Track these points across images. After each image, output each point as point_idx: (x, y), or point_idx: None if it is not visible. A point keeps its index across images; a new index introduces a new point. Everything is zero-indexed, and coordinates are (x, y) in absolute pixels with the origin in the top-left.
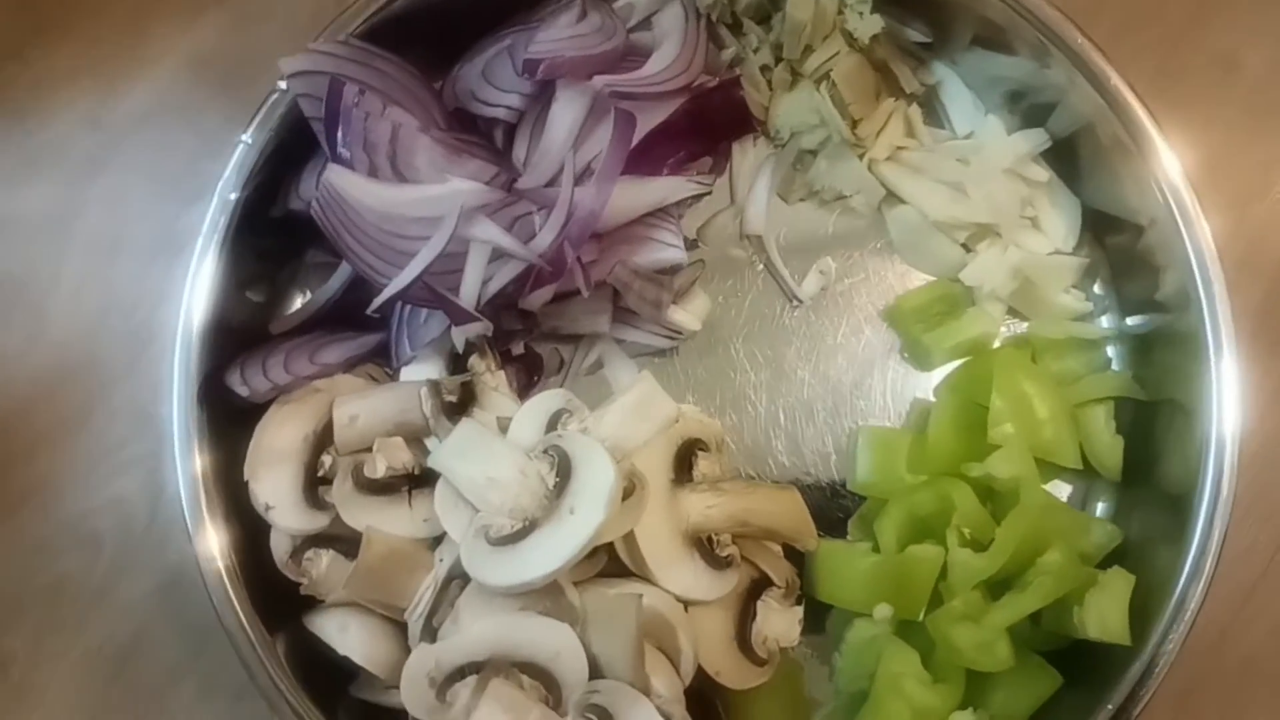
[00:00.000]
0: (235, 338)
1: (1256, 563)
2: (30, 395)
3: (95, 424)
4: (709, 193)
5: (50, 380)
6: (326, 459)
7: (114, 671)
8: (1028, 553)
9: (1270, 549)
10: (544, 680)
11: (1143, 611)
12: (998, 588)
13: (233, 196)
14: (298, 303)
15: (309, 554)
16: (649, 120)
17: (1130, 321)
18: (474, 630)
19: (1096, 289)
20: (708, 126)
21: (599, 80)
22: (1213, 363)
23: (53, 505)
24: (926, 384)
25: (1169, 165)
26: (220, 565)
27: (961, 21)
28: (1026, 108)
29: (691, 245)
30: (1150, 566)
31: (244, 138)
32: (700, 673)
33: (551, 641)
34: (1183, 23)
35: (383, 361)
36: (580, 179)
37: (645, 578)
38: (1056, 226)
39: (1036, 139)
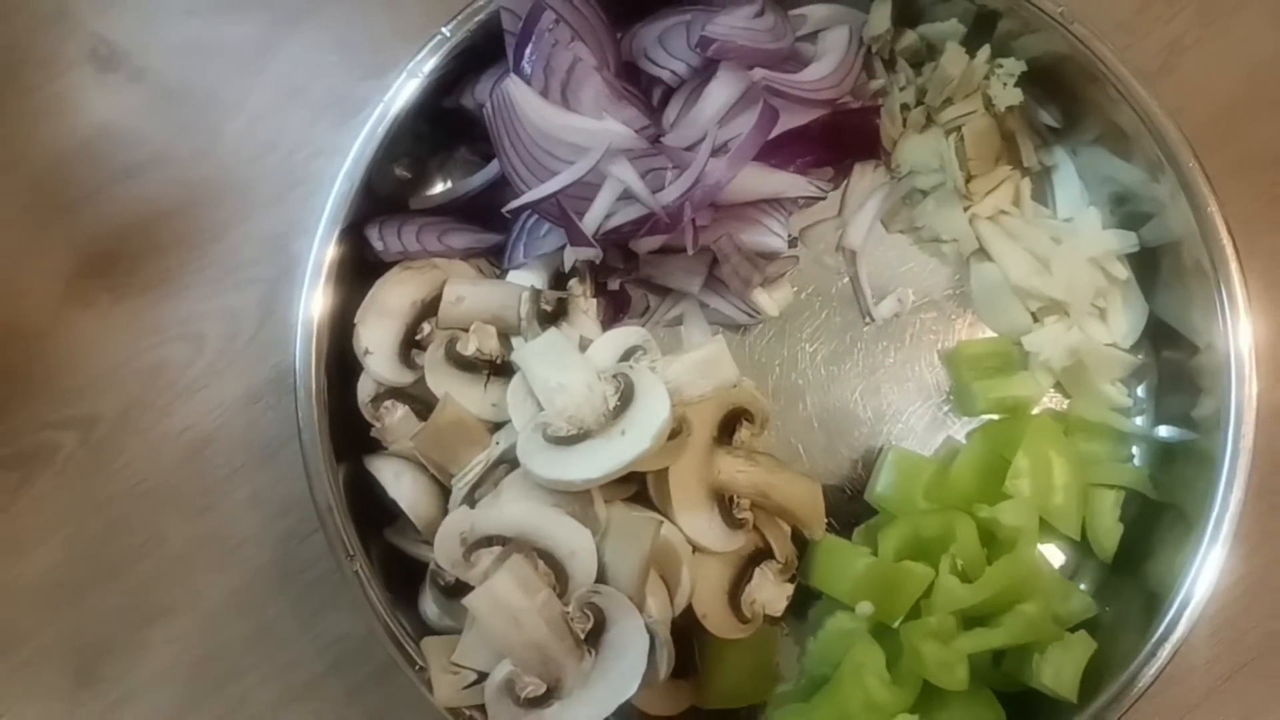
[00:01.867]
0: (374, 202)
1: (1210, 676)
2: (184, 199)
3: (230, 240)
4: (823, 199)
5: (205, 191)
6: (426, 326)
7: (182, 458)
8: (1008, 598)
9: (1225, 670)
10: (556, 571)
11: (1094, 679)
12: (971, 622)
13: (417, 78)
14: (438, 188)
15: (388, 403)
16: (790, 120)
17: (1161, 430)
18: (510, 509)
19: (1140, 391)
20: (839, 142)
21: (758, 72)
22: (1220, 492)
23: (173, 298)
24: (961, 428)
25: (1239, 301)
26: (313, 385)
27: (1093, 119)
28: (1127, 211)
29: (791, 242)
30: (1113, 644)
31: (444, 30)
32: (689, 611)
33: (572, 540)
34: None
35: (496, 261)
36: (716, 152)
37: (665, 514)
38: (1121, 323)
39: (1127, 240)
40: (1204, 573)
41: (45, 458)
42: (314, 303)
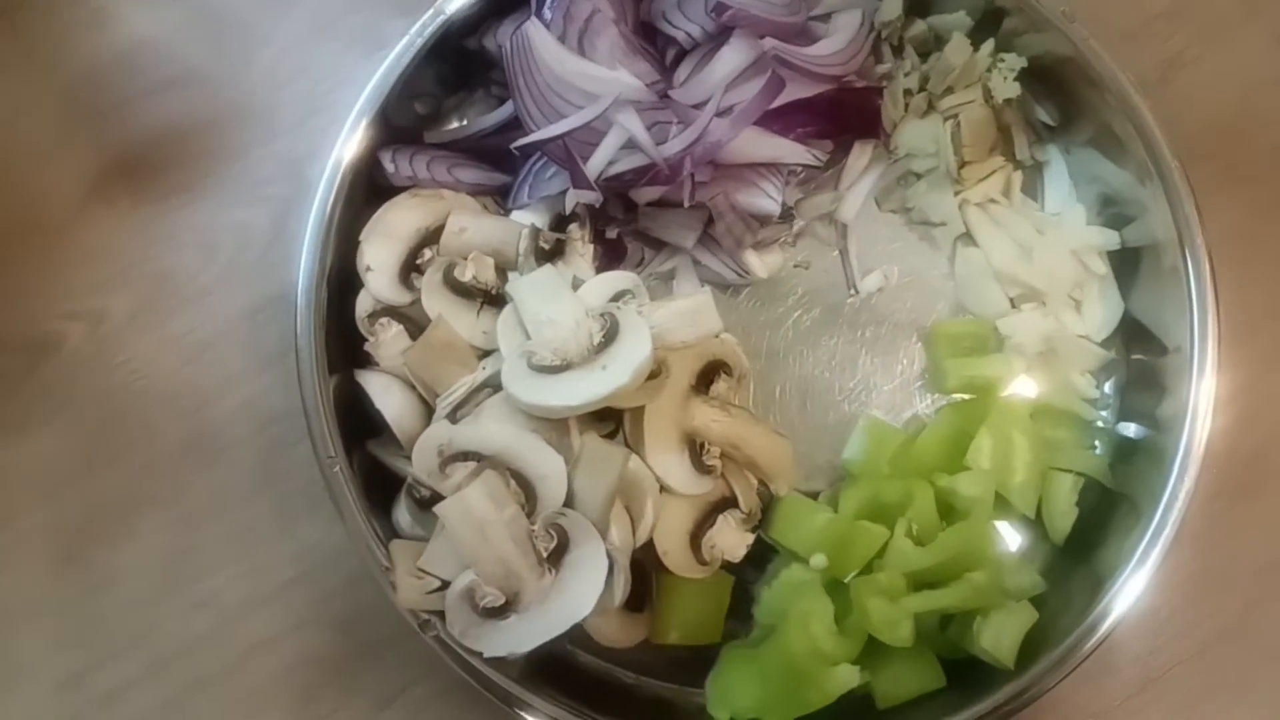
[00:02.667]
0: (391, 131)
1: (1151, 667)
2: (211, 116)
3: (250, 159)
4: (818, 167)
5: (231, 111)
6: (428, 252)
7: (182, 360)
8: (959, 565)
9: (1166, 662)
10: (527, 491)
11: (1032, 649)
12: (922, 584)
13: (443, 16)
14: (453, 125)
15: (383, 320)
16: (795, 91)
17: (1123, 426)
18: (489, 429)
19: (1108, 387)
20: (840, 118)
21: (769, 41)
22: (1170, 487)
23: (189, 208)
24: (932, 405)
25: (1210, 306)
26: (314, 298)
27: (1088, 120)
28: (1112, 212)
29: (786, 211)
30: (1054, 620)
31: None
32: (651, 548)
33: (545, 464)
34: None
35: (501, 200)
36: (721, 113)
37: (638, 452)
38: (1095, 315)
39: (1108, 238)
40: (1147, 561)
41: (53, 347)
42: (324, 215)
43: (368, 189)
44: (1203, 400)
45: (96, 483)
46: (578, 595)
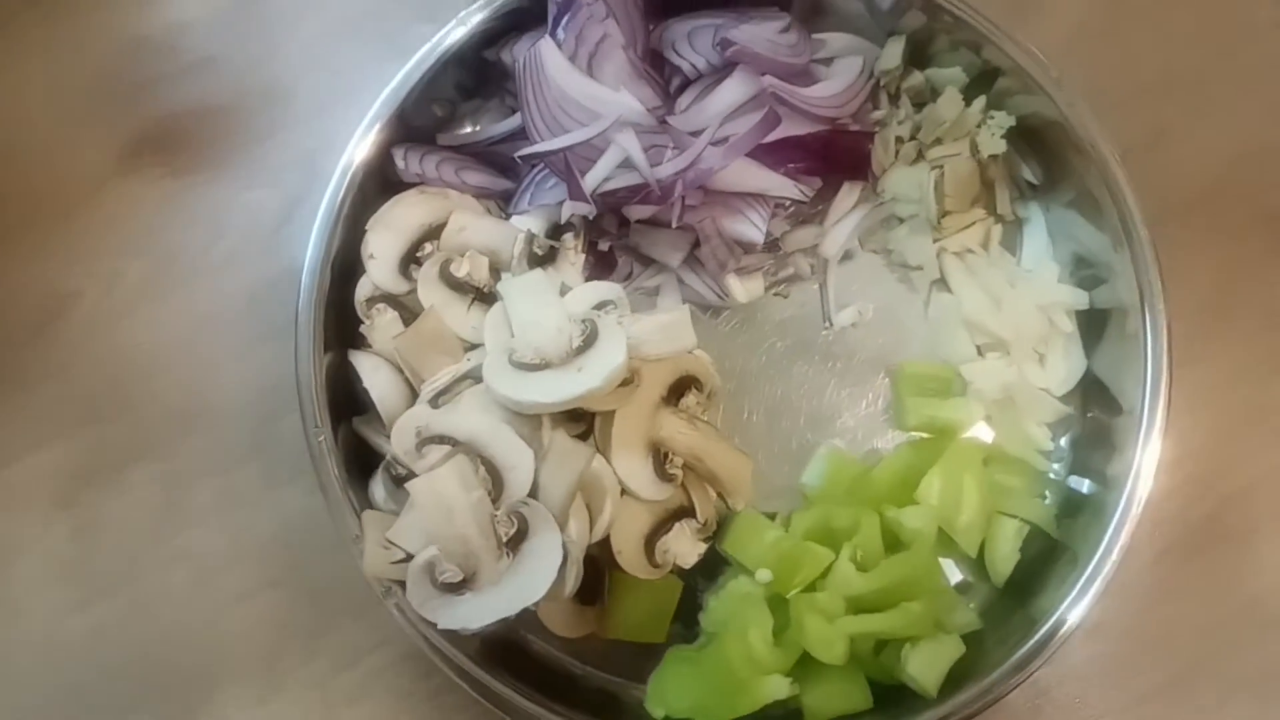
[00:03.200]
0: (406, 129)
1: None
2: (236, 100)
3: (269, 145)
4: (804, 203)
5: (255, 97)
6: (429, 246)
7: (187, 328)
8: (897, 593)
9: (1094, 714)
10: (495, 478)
11: (957, 682)
12: (860, 609)
13: (465, 26)
14: (466, 130)
15: (380, 305)
16: (790, 128)
17: (1074, 479)
18: (466, 416)
19: (1063, 441)
20: (831, 158)
21: (768, 79)
22: (1107, 541)
23: (208, 186)
24: (891, 440)
25: (1163, 373)
26: (318, 278)
27: (1069, 183)
28: (1085, 273)
29: (771, 241)
30: (983, 659)
31: None
32: (606, 544)
33: (514, 455)
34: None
35: (503, 205)
36: (716, 142)
37: (604, 454)
38: (1058, 371)
39: (1077, 298)
40: (1078, 608)
41: (69, 303)
42: (336, 202)
43: (379, 181)
44: (1147, 462)
45: (95, 434)
46: (531, 581)
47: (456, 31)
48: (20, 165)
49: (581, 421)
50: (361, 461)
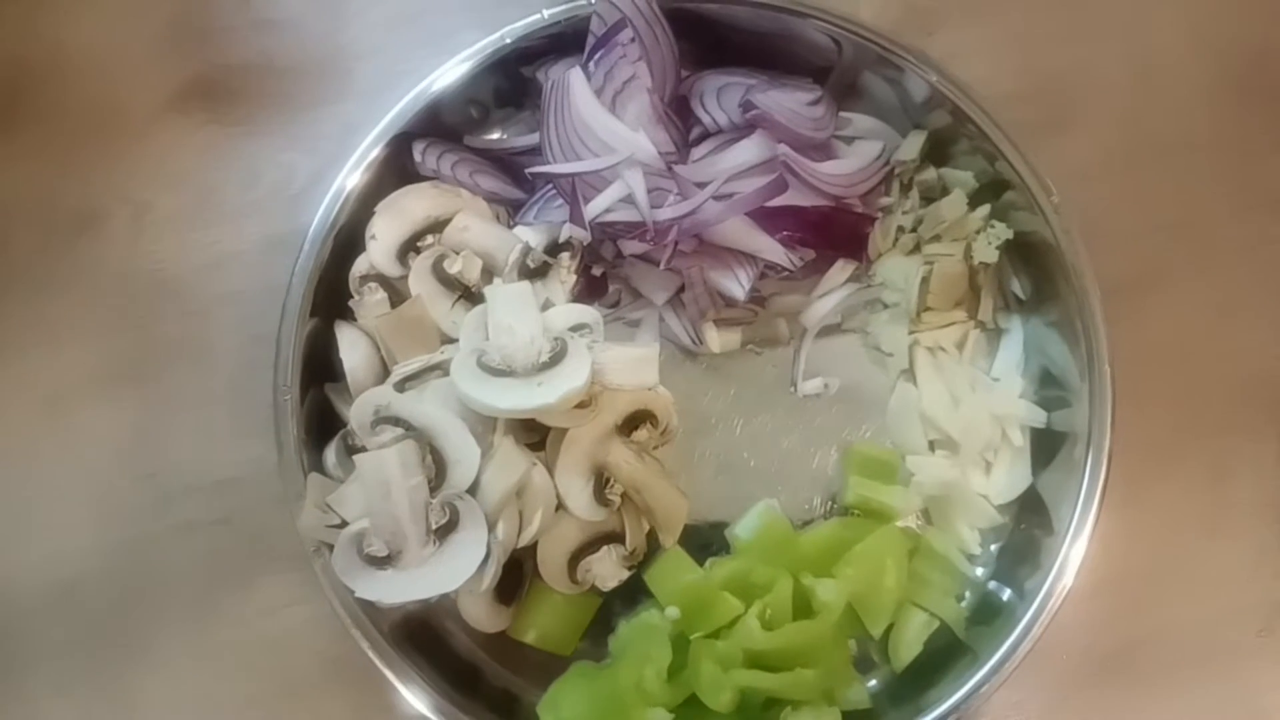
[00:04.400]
0: (436, 123)
1: None
2: (297, 64)
3: (316, 112)
4: (791, 272)
5: (314, 66)
6: (430, 238)
7: (203, 265)
8: (794, 658)
9: None
10: (439, 468)
11: None
12: (756, 665)
13: (509, 41)
14: (493, 136)
15: (372, 284)
16: (795, 197)
17: (994, 586)
18: (426, 405)
19: (993, 548)
20: (829, 234)
21: (782, 147)
22: (1013, 639)
23: (250, 138)
24: (828, 511)
25: (1092, 509)
26: (318, 247)
27: (1053, 306)
28: (1051, 394)
29: (757, 297)
30: None
31: (545, 13)
32: (530, 552)
33: (462, 450)
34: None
35: (512, 212)
36: (719, 196)
37: (549, 468)
38: (1000, 481)
39: (1034, 415)
40: (965, 707)
41: (99, 221)
42: (349, 180)
43: (398, 169)
44: (1059, 589)
45: (92, 347)
46: (450, 571)
47: (499, 44)
48: (83, 85)
49: (536, 432)
50: (325, 425)
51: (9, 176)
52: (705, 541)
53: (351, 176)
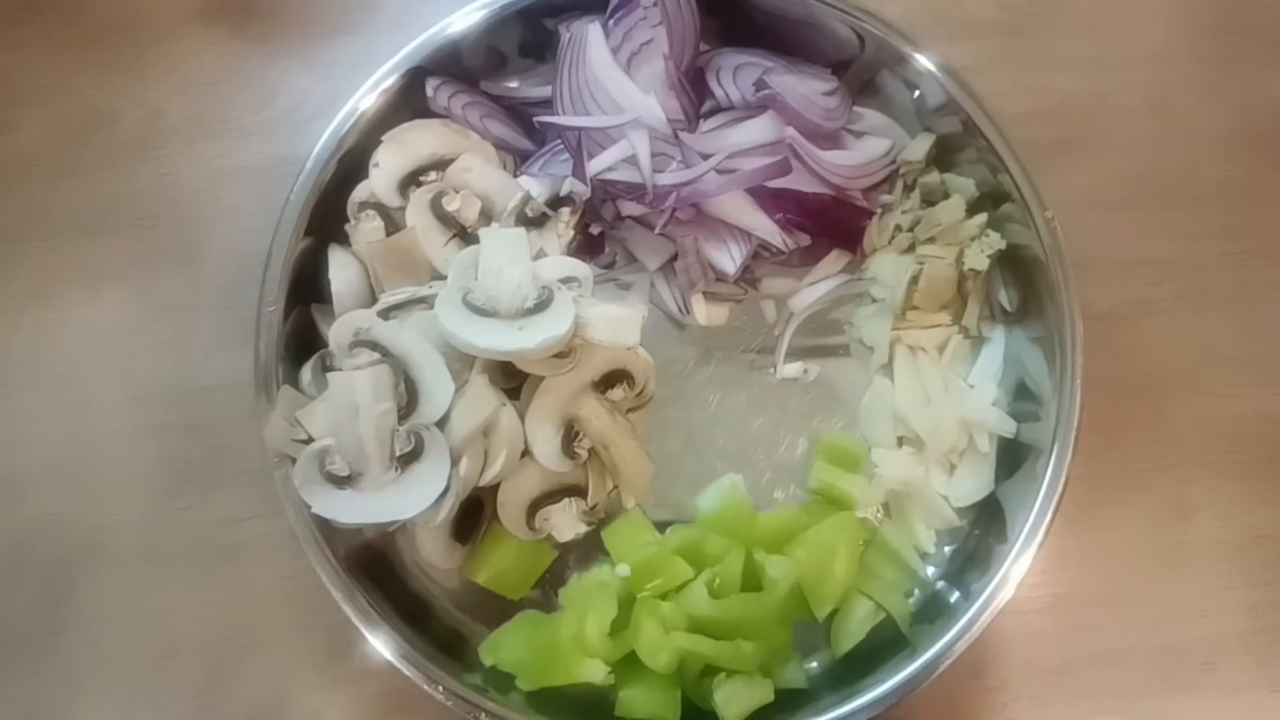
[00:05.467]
0: (457, 63)
1: None
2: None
3: (340, 39)
4: (784, 254)
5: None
6: (433, 174)
7: (207, 176)
8: (736, 629)
9: None
10: (410, 398)
11: None
12: (698, 630)
13: None
14: (511, 84)
15: (369, 211)
16: (797, 182)
17: (943, 587)
18: (406, 334)
19: (947, 549)
20: (826, 223)
21: (790, 131)
22: (949, 637)
23: (270, 58)
24: (792, 495)
25: (1046, 517)
26: (320, 168)
27: (1038, 321)
28: (1024, 406)
29: (749, 276)
30: (794, 713)
31: None
32: (492, 493)
33: (436, 383)
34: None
35: (518, 161)
36: (722, 169)
37: (521, 412)
38: (962, 484)
39: (1004, 424)
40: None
41: (112, 118)
42: (361, 104)
43: (410, 103)
44: (999, 595)
45: (88, 243)
46: (408, 499)
47: None
48: None
49: (514, 379)
50: (305, 344)
51: (25, 61)
52: (667, 507)
53: (364, 101)
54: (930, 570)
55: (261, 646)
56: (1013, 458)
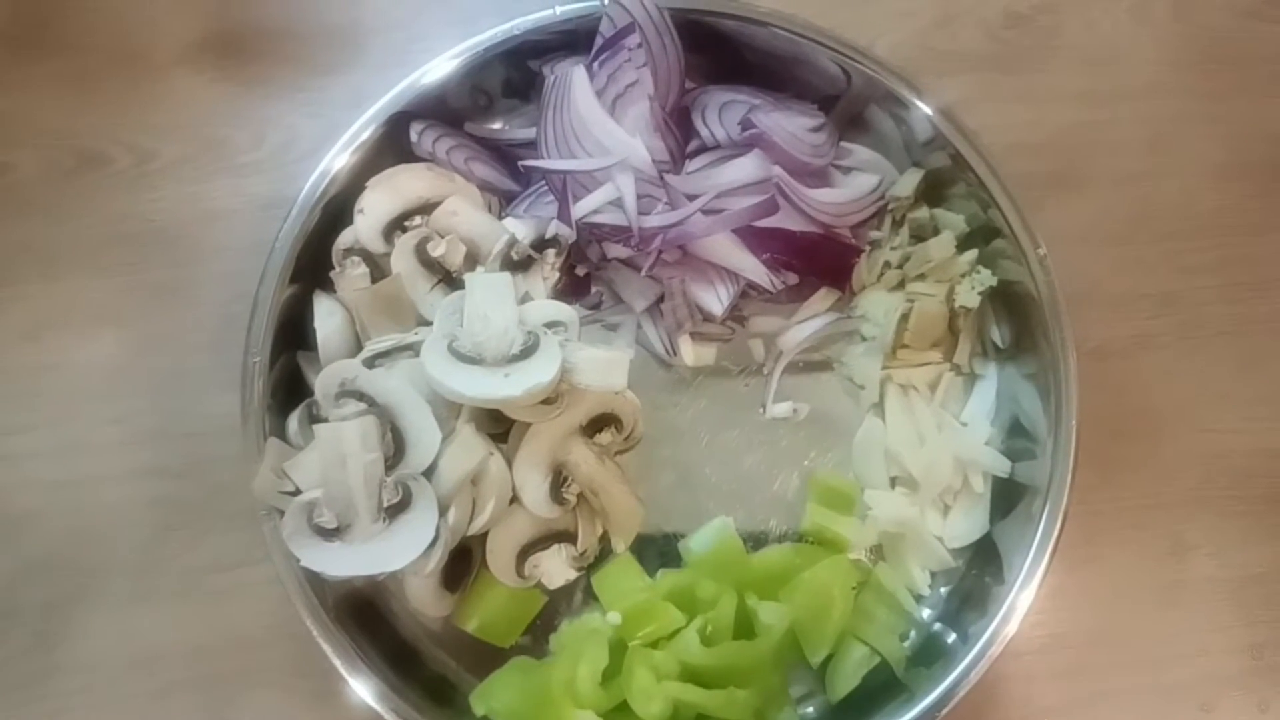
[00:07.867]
0: (441, 104)
1: None
2: (317, 31)
3: (328, 79)
4: (771, 294)
5: (335, 35)
6: (418, 219)
7: (197, 217)
8: (730, 676)
9: None
10: (398, 447)
11: None
12: (691, 679)
13: (518, 33)
14: (496, 125)
15: (355, 258)
16: (784, 221)
17: (940, 628)
18: (392, 382)
19: (942, 591)
20: (814, 261)
21: (777, 170)
22: (950, 681)
23: (260, 99)
24: (784, 535)
25: (1044, 559)
26: (305, 214)
27: (1032, 359)
28: (1018, 444)
29: (737, 315)
30: None
31: (557, 9)
32: (481, 540)
33: (423, 432)
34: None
35: (503, 202)
36: (708, 210)
37: (509, 459)
38: (956, 526)
39: (998, 464)
40: None
41: (102, 163)
42: (346, 149)
43: (395, 147)
44: (1000, 637)
45: (80, 284)
46: (397, 550)
47: (510, 34)
48: (107, 24)
49: (501, 424)
50: (293, 392)
51: (25, 103)
52: (658, 551)
53: (349, 146)
54: (926, 612)
55: (252, 690)
56: (1008, 497)
